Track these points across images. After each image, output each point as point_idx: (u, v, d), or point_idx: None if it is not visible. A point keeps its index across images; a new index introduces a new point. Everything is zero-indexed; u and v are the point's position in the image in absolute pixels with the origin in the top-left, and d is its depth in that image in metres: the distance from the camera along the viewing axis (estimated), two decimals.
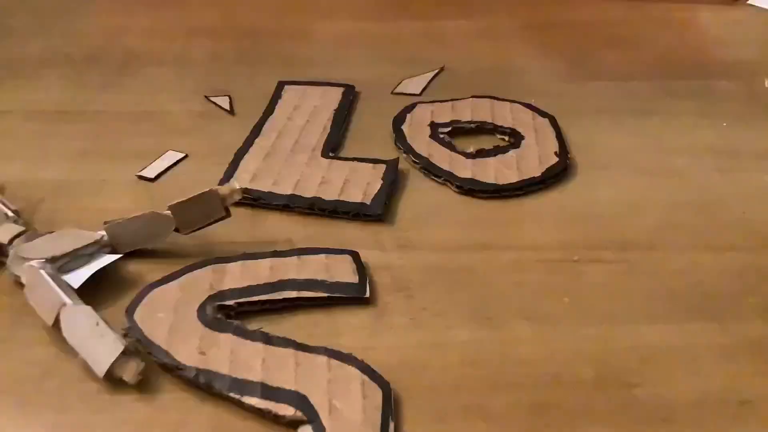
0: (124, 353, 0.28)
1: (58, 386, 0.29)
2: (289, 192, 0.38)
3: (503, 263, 0.35)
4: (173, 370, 0.28)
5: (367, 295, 0.32)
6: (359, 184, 0.39)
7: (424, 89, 0.50)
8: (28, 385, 0.29)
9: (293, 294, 0.32)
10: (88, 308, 0.29)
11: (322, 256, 0.34)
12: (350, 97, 0.48)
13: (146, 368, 0.28)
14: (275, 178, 0.40)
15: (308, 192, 0.39)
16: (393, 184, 0.40)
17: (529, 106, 0.47)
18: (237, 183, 0.32)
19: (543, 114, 0.46)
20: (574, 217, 0.38)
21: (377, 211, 0.37)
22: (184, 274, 0.33)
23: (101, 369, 0.27)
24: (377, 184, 0.39)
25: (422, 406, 0.28)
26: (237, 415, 0.27)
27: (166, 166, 0.41)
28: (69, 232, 0.33)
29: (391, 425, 0.26)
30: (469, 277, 0.34)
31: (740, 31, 0.60)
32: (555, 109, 0.47)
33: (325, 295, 0.32)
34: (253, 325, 0.31)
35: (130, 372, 0.28)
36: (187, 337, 0.29)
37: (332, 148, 0.43)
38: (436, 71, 0.52)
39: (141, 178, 0.40)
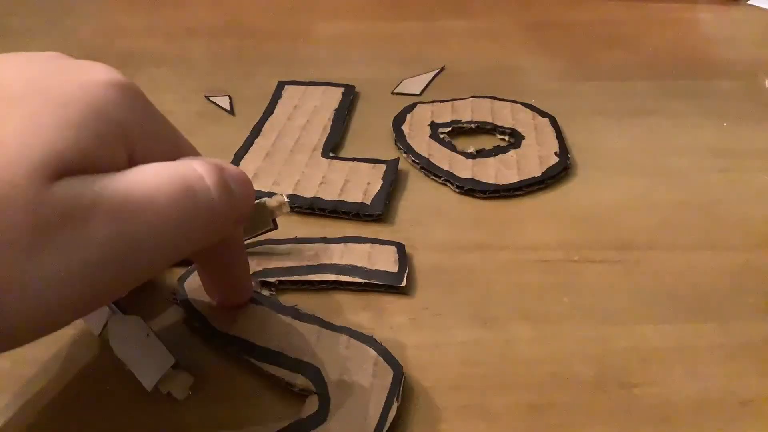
0: (174, 367, 0.28)
1: (58, 386, 0.29)
2: (289, 192, 0.39)
3: (503, 263, 0.35)
4: (208, 335, 0.30)
5: (403, 284, 0.33)
6: (359, 184, 0.39)
7: (424, 89, 0.50)
8: (28, 386, 0.29)
9: (331, 277, 0.33)
10: (138, 318, 0.29)
11: (367, 245, 0.35)
12: (350, 97, 0.48)
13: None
14: (275, 178, 0.40)
15: (308, 192, 0.39)
16: (393, 184, 0.40)
17: (529, 106, 0.47)
18: (285, 195, 0.32)
19: (543, 114, 0.46)
20: (574, 217, 0.38)
21: (377, 211, 0.37)
22: None
23: (149, 383, 0.27)
24: (377, 184, 0.39)
25: (422, 406, 0.28)
26: (240, 410, 0.27)
27: None
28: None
29: (395, 405, 0.27)
30: (469, 277, 0.34)
31: (740, 31, 0.60)
32: (555, 109, 0.47)
33: (362, 280, 0.33)
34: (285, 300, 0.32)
35: (179, 387, 0.27)
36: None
37: (332, 148, 0.43)
38: (436, 71, 0.52)
39: None
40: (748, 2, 0.64)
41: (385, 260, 0.34)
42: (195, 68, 0.52)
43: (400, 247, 0.35)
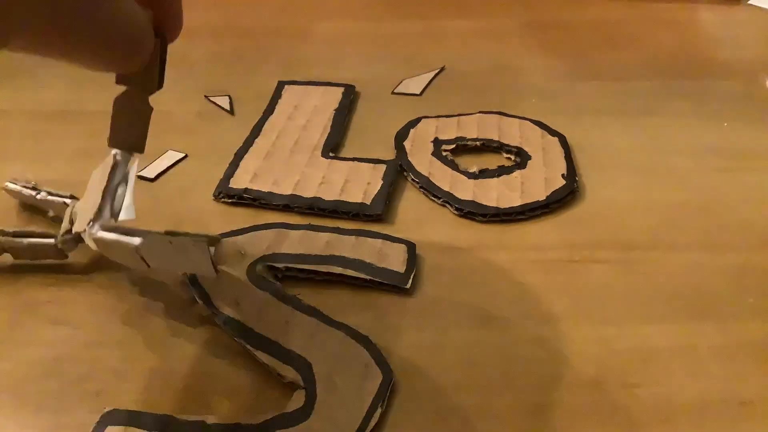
0: (210, 244, 0.27)
1: (58, 386, 0.29)
2: (289, 192, 0.39)
3: (503, 263, 0.35)
4: (210, 313, 0.31)
5: (408, 286, 0.33)
6: (359, 184, 0.39)
7: (424, 89, 0.50)
8: (28, 385, 0.29)
9: (338, 270, 0.33)
10: (153, 232, 0.29)
11: (379, 241, 0.35)
12: (350, 97, 0.48)
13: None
14: (275, 178, 0.40)
15: (308, 192, 0.39)
16: (393, 184, 0.40)
17: (539, 123, 0.45)
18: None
19: (553, 133, 0.44)
20: (574, 217, 0.38)
21: (377, 211, 0.37)
22: (250, 231, 0.35)
23: (210, 270, 0.27)
24: (377, 184, 0.39)
25: (422, 406, 0.28)
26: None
27: (165, 166, 0.41)
28: (93, 184, 0.32)
29: (378, 411, 0.27)
30: (470, 277, 0.34)
31: (740, 31, 0.60)
32: (555, 109, 0.47)
33: (368, 277, 0.33)
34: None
35: (223, 254, 0.29)
36: (230, 287, 0.32)
37: (332, 148, 0.43)
38: (436, 71, 0.52)
39: (141, 178, 0.40)
40: (748, 2, 0.64)
41: (394, 259, 0.34)
42: (195, 68, 0.52)
43: (411, 247, 0.35)
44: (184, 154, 0.42)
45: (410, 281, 0.33)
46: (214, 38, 0.57)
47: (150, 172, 0.41)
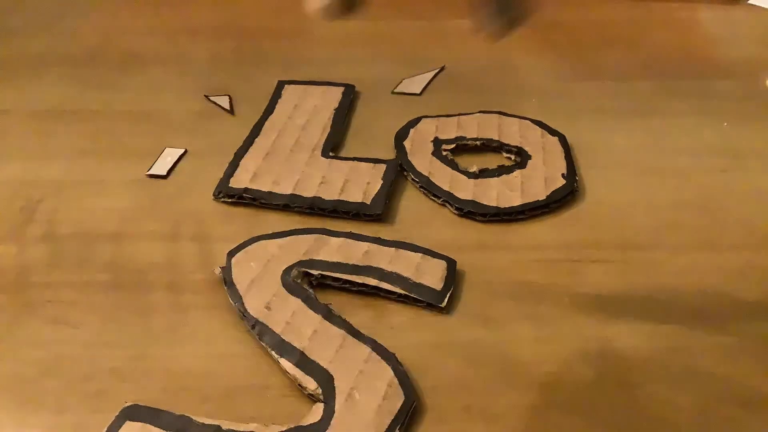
0: None
1: (57, 386, 0.29)
2: (289, 192, 0.39)
3: (503, 263, 0.35)
4: (240, 315, 0.31)
5: (444, 305, 0.32)
6: (359, 183, 0.39)
7: (424, 89, 0.50)
8: (28, 385, 0.29)
9: (373, 282, 0.33)
10: None
11: (418, 255, 0.35)
12: (350, 96, 0.48)
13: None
14: (275, 178, 0.40)
15: (308, 192, 0.39)
16: (393, 184, 0.40)
17: (539, 123, 0.45)
18: None
19: (553, 132, 0.44)
20: (574, 217, 0.38)
21: (377, 211, 0.37)
22: (290, 235, 0.35)
23: None
24: (377, 184, 0.39)
25: (422, 406, 0.28)
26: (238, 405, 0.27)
27: (172, 163, 0.41)
28: None
29: None
30: (470, 277, 0.34)
31: (740, 31, 0.60)
32: (555, 109, 0.46)
33: (403, 292, 0.33)
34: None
35: None
36: (263, 290, 0.32)
37: (332, 147, 0.43)
38: (437, 71, 0.52)
39: (152, 176, 0.40)
40: (748, 2, 0.64)
41: (432, 275, 0.33)
42: (195, 68, 0.52)
43: (451, 264, 0.34)
44: (183, 150, 0.42)
45: (446, 300, 0.32)
46: (214, 38, 0.56)
47: (160, 169, 0.41)
